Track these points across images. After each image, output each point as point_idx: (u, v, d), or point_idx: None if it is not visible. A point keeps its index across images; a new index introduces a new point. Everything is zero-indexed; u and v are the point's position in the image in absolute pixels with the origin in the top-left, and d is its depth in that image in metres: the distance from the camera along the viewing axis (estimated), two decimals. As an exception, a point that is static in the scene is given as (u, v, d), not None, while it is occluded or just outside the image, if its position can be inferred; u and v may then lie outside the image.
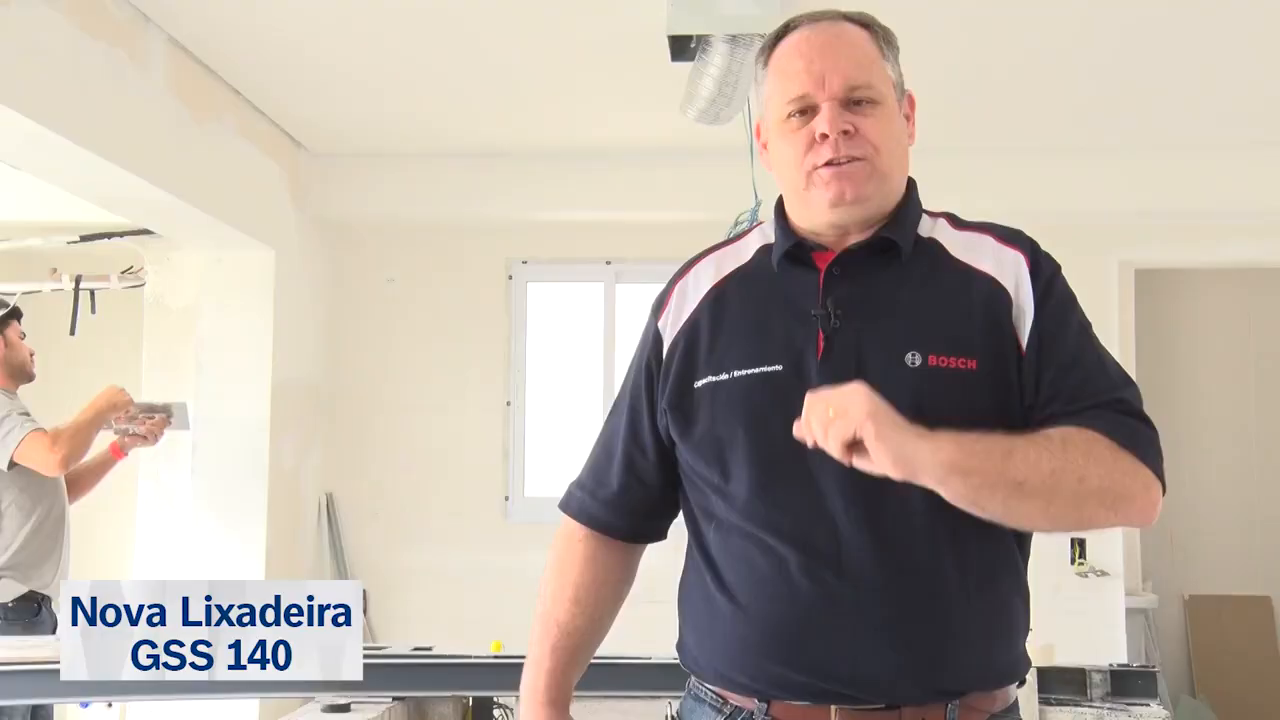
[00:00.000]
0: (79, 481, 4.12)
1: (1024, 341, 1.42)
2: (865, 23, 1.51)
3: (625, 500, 1.61)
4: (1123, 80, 4.37)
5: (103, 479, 4.23)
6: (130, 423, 4.05)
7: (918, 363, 1.39)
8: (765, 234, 1.58)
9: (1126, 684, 3.12)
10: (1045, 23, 3.87)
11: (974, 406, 1.39)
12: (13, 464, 3.77)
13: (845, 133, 1.43)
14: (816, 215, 1.49)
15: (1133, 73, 4.29)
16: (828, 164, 1.44)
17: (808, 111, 1.46)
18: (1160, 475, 1.38)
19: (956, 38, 3.97)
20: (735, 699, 1.46)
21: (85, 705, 4.01)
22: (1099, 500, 1.34)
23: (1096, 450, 1.34)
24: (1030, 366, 1.42)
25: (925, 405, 1.36)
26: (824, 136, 1.44)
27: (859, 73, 1.45)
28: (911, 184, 1.55)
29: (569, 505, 1.66)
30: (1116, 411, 1.39)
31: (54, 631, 3.89)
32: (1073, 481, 1.31)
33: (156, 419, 4.09)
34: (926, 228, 1.52)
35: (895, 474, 1.28)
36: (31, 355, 4.01)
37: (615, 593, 1.65)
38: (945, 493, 1.31)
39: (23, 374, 3.98)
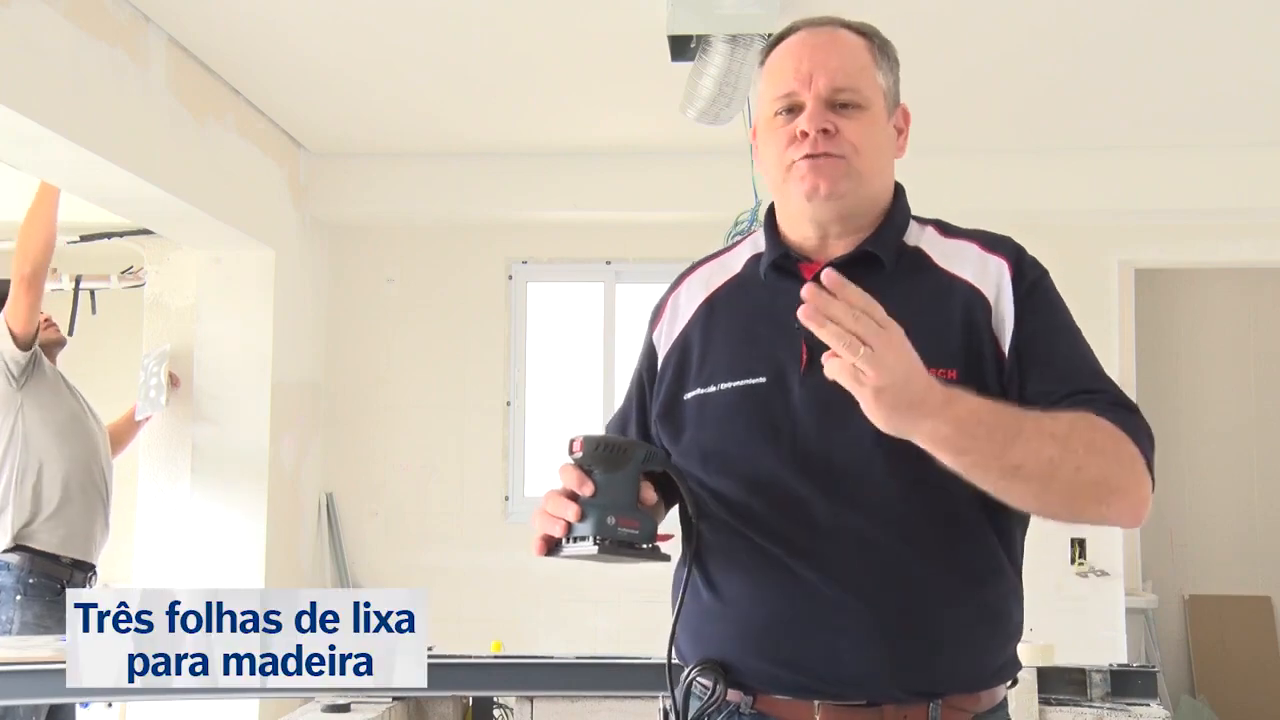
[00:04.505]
0: (116, 439, 4.35)
1: (1005, 346, 1.42)
2: (863, 31, 1.53)
3: None
4: (1123, 80, 4.37)
5: (134, 436, 4.69)
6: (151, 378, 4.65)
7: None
8: (756, 243, 1.60)
9: (1126, 684, 3.12)
10: (1046, 22, 3.87)
11: None
12: (26, 376, 3.86)
13: (825, 130, 1.45)
14: (794, 208, 1.51)
15: (1133, 72, 4.29)
16: (806, 157, 1.46)
17: (794, 109, 1.48)
18: (1152, 471, 1.37)
19: (957, 37, 3.97)
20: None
21: (85, 705, 4.01)
22: (1092, 494, 1.33)
23: (1099, 439, 1.32)
24: (1013, 370, 1.41)
25: None
26: (804, 134, 1.45)
27: (845, 76, 1.47)
28: (899, 192, 1.56)
29: None
30: (1114, 403, 1.39)
31: None
32: (1069, 471, 1.29)
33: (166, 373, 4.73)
34: (914, 236, 1.53)
35: (881, 428, 1.25)
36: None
37: None
38: (936, 455, 1.28)
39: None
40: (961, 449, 1.27)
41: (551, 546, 1.42)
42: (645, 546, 1.40)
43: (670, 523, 1.57)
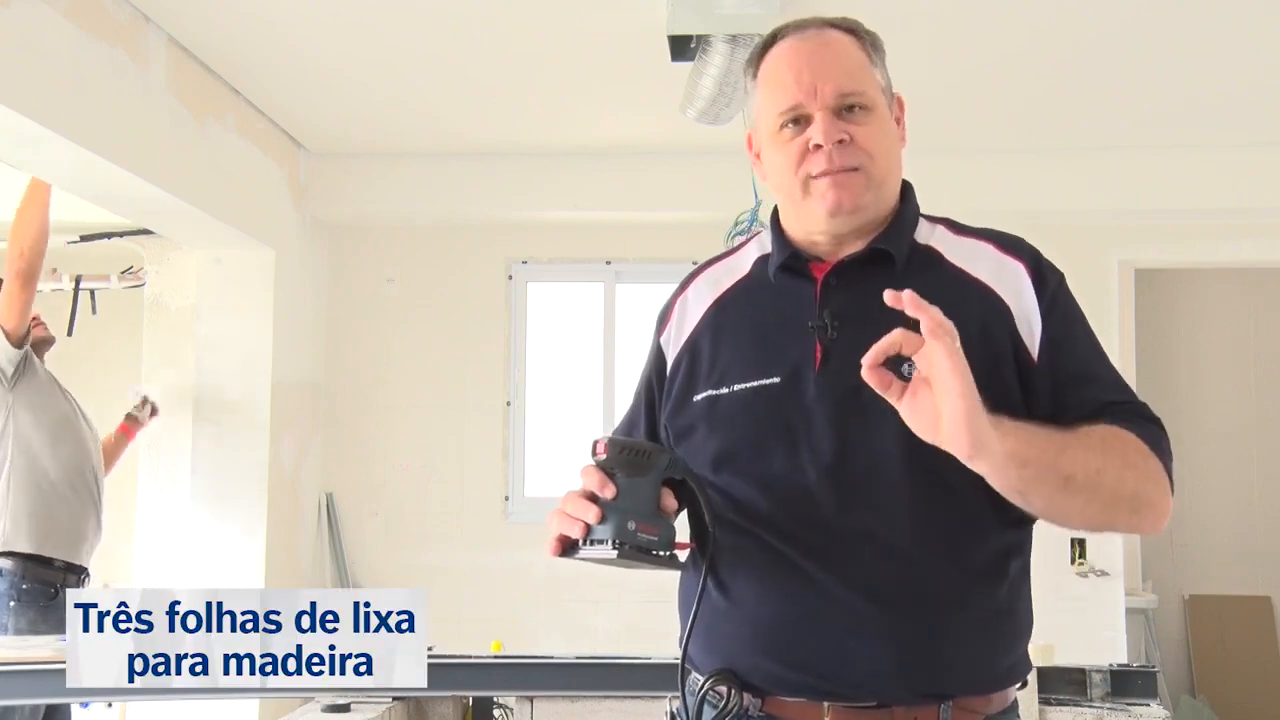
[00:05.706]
0: (106, 456, 4.26)
1: (1035, 352, 1.42)
2: (851, 29, 1.51)
3: None
4: (1123, 80, 4.37)
5: (122, 454, 4.57)
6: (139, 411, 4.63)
7: (915, 373, 1.40)
8: (763, 244, 1.58)
9: (1126, 684, 3.12)
10: (1046, 22, 3.87)
11: None
12: (17, 375, 3.80)
13: (840, 142, 1.44)
14: (813, 224, 1.49)
15: (1133, 72, 4.30)
16: (824, 174, 1.45)
17: (800, 121, 1.46)
18: (1172, 483, 1.40)
19: (957, 37, 3.97)
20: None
21: (85, 705, 4.01)
22: (1129, 505, 1.36)
23: (1131, 455, 1.35)
24: (1044, 377, 1.42)
25: None
26: (818, 147, 1.44)
27: (850, 81, 1.46)
28: (908, 189, 1.55)
29: None
30: (1139, 415, 1.41)
31: None
32: (1112, 482, 1.33)
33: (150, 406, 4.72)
34: (925, 234, 1.53)
35: (964, 455, 1.25)
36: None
37: None
38: (996, 480, 1.29)
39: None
40: (1026, 459, 1.28)
41: (567, 547, 1.40)
42: (663, 554, 1.39)
43: (679, 529, 1.57)
